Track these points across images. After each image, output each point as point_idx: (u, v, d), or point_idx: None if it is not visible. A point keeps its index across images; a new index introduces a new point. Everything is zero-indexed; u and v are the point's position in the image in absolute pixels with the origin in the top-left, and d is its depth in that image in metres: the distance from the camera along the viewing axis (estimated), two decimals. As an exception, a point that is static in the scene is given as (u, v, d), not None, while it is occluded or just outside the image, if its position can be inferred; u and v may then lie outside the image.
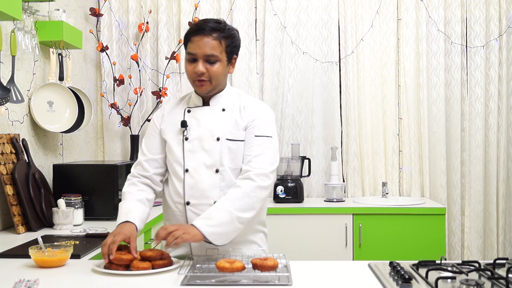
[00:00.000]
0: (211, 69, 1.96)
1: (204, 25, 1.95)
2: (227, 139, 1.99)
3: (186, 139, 2.02)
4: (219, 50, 1.95)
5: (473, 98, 3.93)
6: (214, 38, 1.94)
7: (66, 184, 2.91)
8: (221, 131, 2.00)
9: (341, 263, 2.00)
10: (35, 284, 1.53)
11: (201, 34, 1.94)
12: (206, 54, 1.94)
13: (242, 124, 2.01)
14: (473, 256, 3.87)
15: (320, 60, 3.95)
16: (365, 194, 3.96)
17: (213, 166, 1.99)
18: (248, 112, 2.03)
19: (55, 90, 3.03)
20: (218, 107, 2.05)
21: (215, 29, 1.95)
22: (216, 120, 2.02)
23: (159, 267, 1.73)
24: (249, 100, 2.09)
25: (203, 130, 2.01)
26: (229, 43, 1.98)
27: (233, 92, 2.11)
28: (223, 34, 1.96)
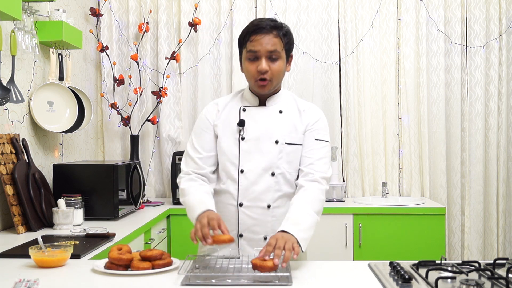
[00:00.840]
0: (273, 66, 1.94)
1: (264, 24, 1.94)
2: (286, 143, 1.98)
3: (243, 139, 1.98)
4: (280, 47, 1.95)
5: (473, 98, 3.93)
6: (275, 36, 1.94)
7: (66, 184, 2.91)
8: (280, 134, 1.98)
9: (341, 263, 2.00)
10: (35, 284, 1.53)
11: (262, 32, 1.92)
12: (269, 51, 1.92)
13: (301, 128, 2.01)
14: (473, 256, 3.87)
15: (320, 60, 3.95)
16: (365, 194, 3.96)
17: (269, 169, 1.96)
18: (308, 115, 2.03)
19: (55, 90, 3.03)
20: (275, 108, 2.02)
21: (274, 27, 1.95)
22: (274, 122, 2.00)
23: (159, 267, 1.73)
24: (307, 103, 2.09)
25: (260, 131, 1.98)
26: (288, 40, 1.98)
27: (289, 94, 2.10)
28: (282, 31, 1.96)
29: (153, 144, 3.96)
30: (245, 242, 1.98)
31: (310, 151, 1.99)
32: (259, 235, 1.98)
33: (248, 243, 1.98)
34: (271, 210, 1.96)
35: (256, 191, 1.95)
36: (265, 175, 1.96)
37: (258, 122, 1.99)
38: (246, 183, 1.96)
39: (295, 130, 2.00)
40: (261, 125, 1.99)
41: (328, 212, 3.52)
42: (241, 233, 1.98)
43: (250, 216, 1.96)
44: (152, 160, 3.96)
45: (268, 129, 1.98)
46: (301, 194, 1.92)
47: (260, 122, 1.99)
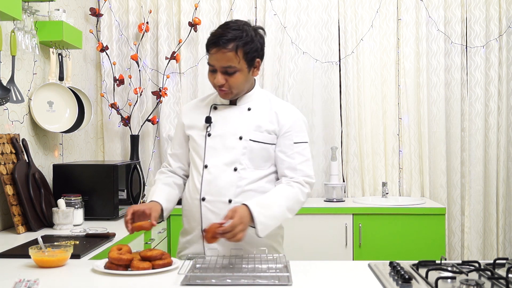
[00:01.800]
0: (230, 79, 1.95)
1: (219, 37, 1.92)
2: (250, 140, 1.99)
3: (209, 135, 2.02)
4: (236, 60, 1.93)
5: (473, 98, 3.93)
6: (229, 50, 1.91)
7: (66, 184, 2.91)
8: (245, 130, 2.00)
9: (341, 263, 2.00)
10: (35, 284, 1.53)
11: (217, 47, 1.92)
12: (223, 66, 1.94)
13: (270, 128, 2.01)
14: (473, 256, 3.87)
15: (320, 60, 3.95)
16: (365, 194, 3.96)
17: (232, 164, 1.99)
18: (282, 118, 2.03)
19: (55, 90, 3.03)
20: (244, 106, 2.05)
21: (230, 39, 1.91)
22: (241, 119, 2.02)
23: (159, 267, 1.73)
24: (281, 105, 2.08)
25: (227, 128, 2.01)
26: (248, 50, 1.94)
27: (263, 94, 2.11)
28: (239, 43, 1.92)
29: (153, 144, 3.96)
30: None
31: (290, 155, 2.01)
32: None
33: None
34: (232, 205, 1.96)
35: (218, 185, 1.99)
36: (227, 170, 1.99)
37: (226, 119, 2.03)
38: (209, 177, 2.00)
39: (261, 128, 2.01)
40: (228, 122, 2.03)
41: (328, 212, 3.53)
42: (204, 228, 1.94)
43: (212, 210, 1.98)
44: (152, 160, 3.96)
45: (234, 126, 2.02)
46: (282, 187, 1.97)
47: (227, 119, 2.03)
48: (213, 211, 1.98)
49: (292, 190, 1.97)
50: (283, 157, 2.01)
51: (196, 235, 2.04)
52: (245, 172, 1.99)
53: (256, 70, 2.03)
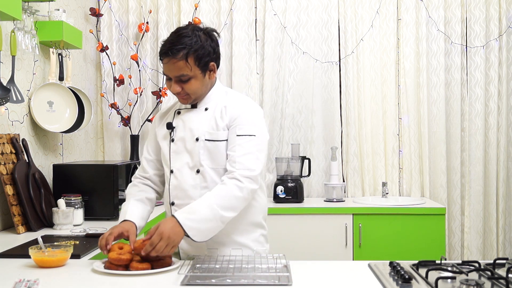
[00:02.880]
0: (185, 86, 1.96)
1: (169, 47, 1.91)
2: (206, 140, 2.00)
3: (172, 141, 2.05)
4: (188, 68, 1.92)
5: (473, 98, 3.93)
6: (179, 59, 1.90)
7: (66, 184, 2.90)
8: (201, 131, 2.01)
9: (341, 263, 2.00)
10: (35, 284, 1.53)
11: (167, 56, 1.92)
12: (176, 76, 1.94)
13: (221, 124, 2.00)
14: (473, 256, 3.87)
15: (320, 60, 3.95)
16: (365, 194, 3.96)
17: (194, 167, 2.00)
18: (229, 111, 2.00)
19: (55, 90, 3.03)
20: (202, 107, 2.06)
21: (179, 48, 1.90)
22: (198, 121, 2.03)
23: (158, 267, 1.73)
24: (233, 98, 2.05)
25: (186, 131, 2.03)
26: (199, 56, 1.93)
27: (221, 91, 2.08)
28: (188, 51, 1.90)
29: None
30: (183, 241, 1.96)
31: (232, 147, 1.95)
32: None
33: (184, 240, 1.99)
34: None
35: (184, 189, 2.00)
36: (191, 173, 2.00)
37: (186, 122, 2.04)
38: (176, 182, 2.02)
39: (216, 126, 2.00)
40: (187, 125, 2.03)
41: (328, 212, 3.53)
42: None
43: None
44: (152, 160, 3.95)
45: (192, 128, 2.02)
46: (214, 188, 1.92)
47: (187, 122, 2.04)
48: None
49: (224, 187, 1.90)
50: (227, 150, 1.98)
51: None
52: (207, 172, 1.99)
53: (212, 73, 2.01)
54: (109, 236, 1.85)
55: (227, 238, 2.01)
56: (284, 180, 3.74)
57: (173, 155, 2.03)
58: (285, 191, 3.70)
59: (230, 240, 2.01)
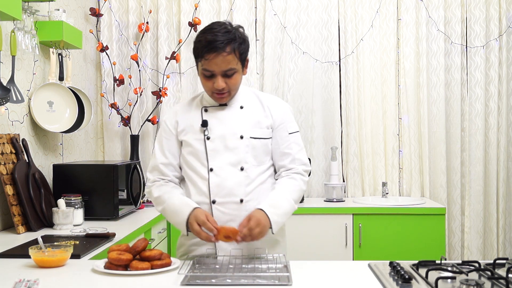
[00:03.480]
0: (230, 81, 1.95)
1: (216, 42, 1.88)
2: (251, 137, 2.00)
3: (208, 138, 2.01)
4: (235, 62, 1.93)
5: (473, 98, 3.93)
6: (228, 53, 1.89)
7: (66, 184, 2.91)
8: (244, 129, 2.01)
9: (341, 263, 2.00)
10: (35, 284, 1.53)
11: (216, 51, 1.88)
12: (224, 70, 1.92)
13: (266, 123, 2.03)
14: (473, 256, 3.87)
15: (320, 60, 3.95)
16: (365, 194, 3.96)
17: (237, 164, 1.99)
18: (274, 111, 2.05)
19: (55, 90, 3.03)
20: (236, 105, 2.05)
21: (227, 42, 1.89)
22: (237, 118, 2.02)
23: (157, 267, 1.73)
24: (269, 98, 2.11)
25: (225, 128, 2.01)
26: (243, 50, 1.96)
27: (248, 90, 2.12)
28: (235, 44, 1.91)
29: (153, 144, 3.96)
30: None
31: (288, 146, 2.04)
32: None
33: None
34: (244, 205, 1.97)
35: (227, 187, 1.98)
36: (234, 171, 1.99)
37: (221, 120, 2.03)
38: (217, 180, 1.99)
39: (258, 125, 2.03)
40: (224, 122, 2.02)
41: (328, 212, 3.53)
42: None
43: (224, 212, 1.98)
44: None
45: (232, 126, 2.01)
46: (284, 181, 2.02)
47: (223, 119, 2.03)
48: (225, 212, 1.97)
49: (295, 182, 2.02)
50: (281, 149, 2.04)
51: None
52: (250, 170, 2.00)
53: (246, 69, 2.04)
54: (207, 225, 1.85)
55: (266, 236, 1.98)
56: (284, 180, 3.74)
57: (211, 153, 2.00)
58: (285, 191, 3.69)
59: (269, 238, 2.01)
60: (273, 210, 1.91)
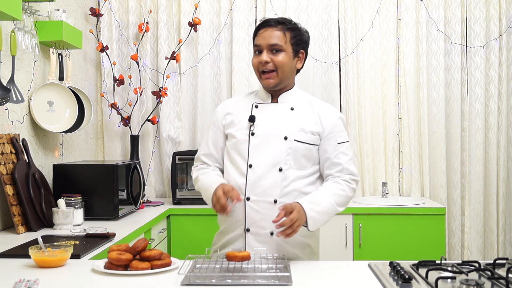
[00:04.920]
0: (275, 58, 2.00)
1: (270, 19, 2.02)
2: (295, 140, 2.00)
3: (253, 134, 2.02)
4: (283, 40, 1.99)
5: (473, 98, 3.93)
6: (278, 30, 2.00)
7: (66, 184, 2.90)
8: (289, 130, 2.01)
9: (341, 263, 2.01)
10: (35, 284, 1.53)
11: (266, 26, 2.01)
12: (270, 44, 1.99)
13: (315, 129, 2.03)
14: (473, 256, 3.87)
15: (320, 60, 3.95)
16: (365, 194, 3.96)
17: (277, 165, 1.99)
18: (325, 119, 2.05)
19: (55, 90, 3.03)
20: (286, 105, 2.06)
21: (280, 22, 2.01)
22: (285, 119, 2.03)
23: (157, 267, 1.73)
24: (323, 106, 2.11)
25: (270, 127, 2.02)
26: (295, 35, 2.02)
27: (302, 94, 2.13)
28: (287, 26, 2.01)
29: (153, 144, 3.96)
30: (252, 237, 2.00)
31: (336, 155, 2.04)
32: (266, 230, 2.00)
33: (254, 238, 2.00)
34: (277, 205, 1.96)
35: (263, 185, 1.98)
36: (272, 170, 1.99)
37: (269, 118, 2.03)
38: (254, 177, 1.99)
39: (306, 129, 2.02)
40: (271, 121, 2.03)
41: (328, 212, 3.52)
42: (248, 227, 2.01)
43: (256, 210, 1.98)
44: (152, 160, 3.96)
45: (278, 125, 2.02)
46: (328, 184, 2.03)
47: (270, 118, 2.03)
48: (257, 211, 1.98)
49: (339, 186, 2.02)
50: (330, 158, 2.04)
51: (238, 234, 2.03)
52: (289, 173, 2.00)
53: (299, 61, 2.07)
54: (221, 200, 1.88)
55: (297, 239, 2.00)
56: (284, 180, 3.74)
57: (252, 149, 2.01)
58: (285, 191, 3.69)
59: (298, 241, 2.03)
60: (311, 205, 1.91)
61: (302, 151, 2.00)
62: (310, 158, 2.03)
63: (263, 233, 1.99)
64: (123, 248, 1.78)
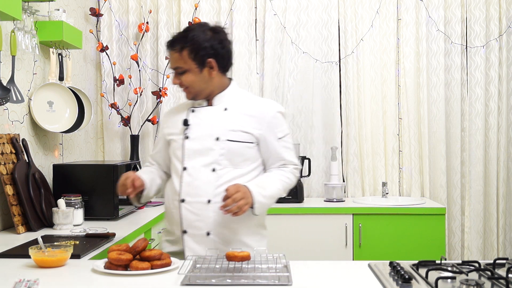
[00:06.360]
0: (182, 79, 2.04)
1: (170, 41, 2.04)
2: (228, 140, 2.02)
3: (187, 138, 2.05)
4: (181, 61, 2.01)
5: (473, 98, 3.93)
6: (176, 51, 2.02)
7: (66, 184, 2.90)
8: (221, 131, 2.03)
9: (341, 263, 2.01)
10: (35, 284, 1.53)
11: (168, 49, 2.05)
12: (173, 68, 2.05)
13: (248, 127, 2.04)
14: (473, 256, 3.87)
15: (320, 60, 3.95)
16: (365, 194, 3.96)
17: (210, 165, 2.02)
18: (262, 115, 2.06)
19: (55, 90, 3.03)
20: (220, 106, 2.08)
21: (175, 41, 2.02)
22: (217, 120, 2.05)
23: (157, 267, 1.73)
24: (259, 102, 2.13)
25: (203, 129, 2.05)
26: (191, 50, 2.00)
27: (239, 93, 2.14)
28: (182, 45, 2.00)
29: (153, 144, 3.96)
30: (189, 238, 2.04)
31: (278, 151, 2.08)
32: (202, 231, 2.03)
33: (192, 239, 2.04)
34: (211, 205, 2.00)
35: (197, 186, 2.02)
36: (205, 171, 2.02)
37: (203, 120, 2.07)
38: (188, 179, 2.03)
39: (240, 128, 2.04)
40: (205, 123, 2.06)
41: (328, 212, 3.53)
42: (184, 229, 2.04)
43: (191, 211, 2.02)
44: (152, 160, 3.95)
45: (211, 127, 2.05)
46: (274, 170, 2.09)
47: (204, 120, 2.07)
48: (192, 212, 2.02)
49: (285, 173, 2.08)
50: (272, 154, 2.08)
51: (177, 236, 2.08)
52: (223, 172, 2.02)
53: (212, 70, 2.05)
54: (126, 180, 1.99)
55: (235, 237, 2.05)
56: (284, 180, 3.74)
57: (187, 152, 2.04)
58: (285, 191, 3.69)
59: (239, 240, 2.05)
60: (258, 189, 1.96)
61: (237, 150, 2.03)
62: (247, 156, 2.05)
63: (199, 233, 2.03)
64: (123, 248, 1.78)
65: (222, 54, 2.05)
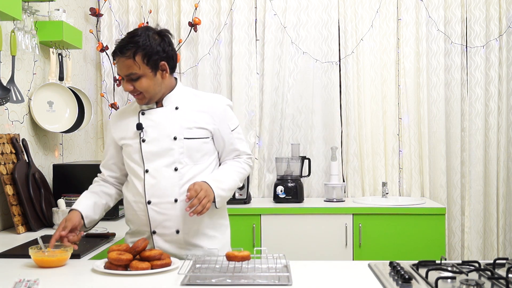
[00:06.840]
0: (136, 85, 2.01)
1: (118, 46, 1.98)
2: (185, 138, 2.04)
3: (144, 141, 2.05)
4: (136, 67, 1.98)
5: (473, 98, 3.93)
6: (127, 57, 1.97)
7: (66, 184, 2.90)
8: (177, 130, 2.04)
9: (341, 263, 2.00)
10: (35, 284, 1.53)
11: (117, 56, 1.99)
12: (126, 74, 2.00)
13: (201, 123, 2.06)
14: (473, 256, 3.87)
15: (320, 60, 3.95)
16: (365, 194, 3.96)
17: (171, 165, 2.03)
18: (213, 110, 2.09)
19: (55, 90, 3.03)
20: (171, 106, 2.09)
21: (126, 47, 1.96)
22: (171, 120, 2.06)
23: (157, 267, 1.73)
24: (208, 97, 2.14)
25: (159, 131, 2.05)
26: (144, 55, 1.97)
27: (187, 91, 2.15)
28: (134, 50, 1.96)
29: (153, 144, 3.96)
30: (159, 238, 2.06)
31: (232, 143, 2.13)
32: (171, 229, 2.04)
33: (161, 238, 2.05)
34: (178, 204, 2.02)
35: (162, 187, 2.02)
36: (168, 171, 2.03)
37: (156, 122, 2.06)
38: (152, 181, 2.03)
39: (194, 125, 2.05)
40: (159, 124, 2.06)
41: (328, 212, 3.53)
42: (153, 230, 2.05)
43: (159, 212, 2.03)
44: (152, 160, 3.95)
45: (166, 127, 2.05)
46: (231, 162, 2.13)
47: (158, 122, 2.06)
48: (160, 212, 2.03)
49: (239, 164, 2.14)
50: (226, 146, 2.12)
51: (146, 236, 2.07)
52: (185, 170, 2.04)
53: (164, 72, 2.04)
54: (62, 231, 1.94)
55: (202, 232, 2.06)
56: (284, 180, 3.74)
57: (146, 155, 2.04)
58: (285, 191, 3.70)
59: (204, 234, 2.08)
60: (217, 184, 2.00)
61: (195, 147, 2.05)
62: (205, 151, 2.08)
63: (169, 232, 2.04)
64: (123, 248, 1.78)
65: (172, 55, 2.06)
